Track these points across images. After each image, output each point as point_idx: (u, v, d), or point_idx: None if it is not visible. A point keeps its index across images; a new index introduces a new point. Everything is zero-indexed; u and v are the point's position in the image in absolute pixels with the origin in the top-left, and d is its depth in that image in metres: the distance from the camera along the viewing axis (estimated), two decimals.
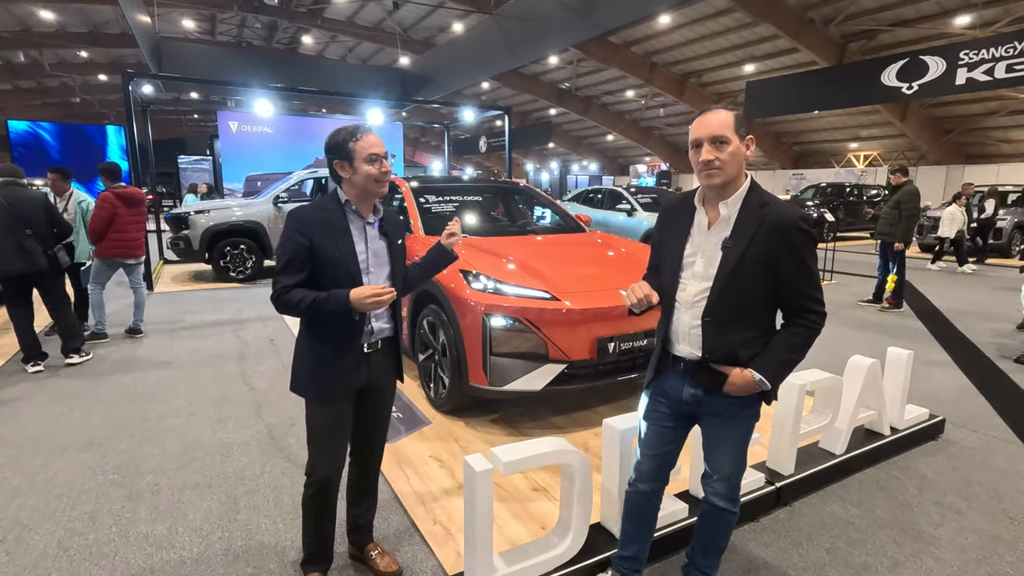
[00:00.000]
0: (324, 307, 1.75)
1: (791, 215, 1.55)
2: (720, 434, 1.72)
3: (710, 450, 1.76)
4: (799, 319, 1.60)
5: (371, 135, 1.82)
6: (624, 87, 23.36)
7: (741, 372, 1.60)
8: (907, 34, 14.87)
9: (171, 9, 18.11)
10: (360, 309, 1.75)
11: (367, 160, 1.79)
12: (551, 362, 3.10)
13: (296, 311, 1.77)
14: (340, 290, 1.75)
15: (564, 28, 10.11)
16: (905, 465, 2.94)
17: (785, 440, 2.59)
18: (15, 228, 4.07)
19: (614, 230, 9.96)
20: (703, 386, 1.67)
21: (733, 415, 1.68)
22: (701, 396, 1.68)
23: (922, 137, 19.32)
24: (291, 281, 1.77)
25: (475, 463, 1.76)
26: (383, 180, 1.82)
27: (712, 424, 1.72)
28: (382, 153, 1.82)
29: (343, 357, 1.86)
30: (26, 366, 4.35)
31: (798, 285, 1.57)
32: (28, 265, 4.13)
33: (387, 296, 1.74)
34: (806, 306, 1.59)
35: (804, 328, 1.59)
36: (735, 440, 1.72)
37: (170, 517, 2.44)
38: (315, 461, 1.92)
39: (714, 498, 1.76)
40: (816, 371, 2.77)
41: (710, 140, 1.54)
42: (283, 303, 1.77)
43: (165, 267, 9.79)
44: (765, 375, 1.58)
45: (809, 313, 1.59)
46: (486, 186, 5.34)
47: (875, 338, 5.48)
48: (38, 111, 26.86)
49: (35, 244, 4.18)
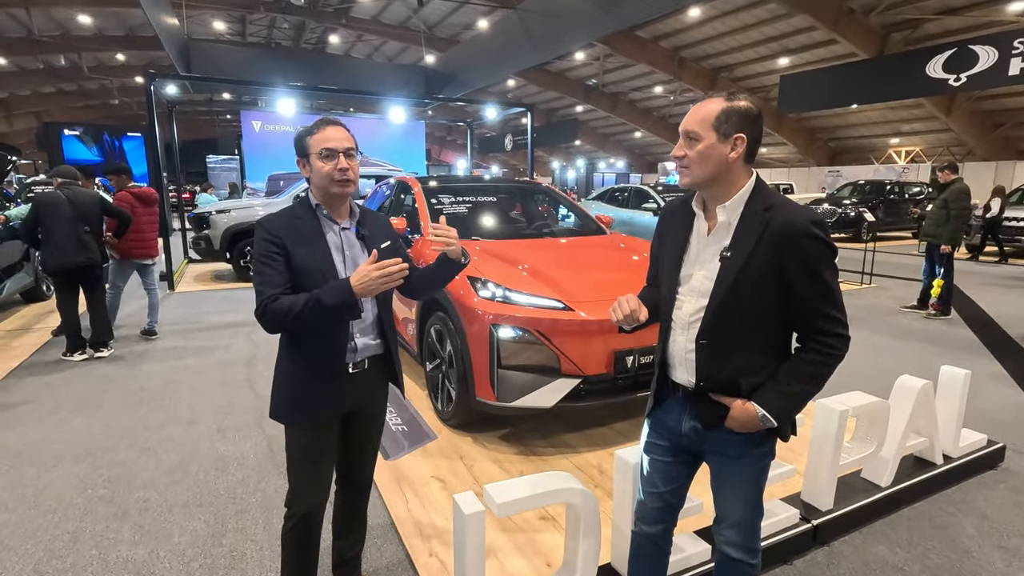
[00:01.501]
0: (323, 302, 1.49)
1: (800, 219, 1.29)
2: (727, 475, 1.47)
3: (718, 493, 1.51)
4: (813, 343, 1.34)
5: (330, 128, 1.61)
6: (652, 83, 22.83)
7: (743, 405, 1.35)
8: (955, 23, 14.07)
9: (202, 11, 18.43)
10: (363, 294, 1.49)
11: (320, 156, 1.59)
12: (564, 376, 2.88)
13: (289, 319, 1.50)
14: (336, 281, 1.54)
15: (588, 22, 9.81)
16: (960, 499, 2.62)
17: (823, 471, 2.31)
18: (76, 225, 4.43)
19: (640, 230, 9.65)
20: (701, 419, 1.44)
21: (739, 454, 1.43)
22: (702, 431, 1.45)
23: (969, 132, 18.34)
24: (275, 290, 1.53)
25: (465, 504, 1.56)
26: (342, 180, 1.60)
27: (717, 463, 1.48)
28: (339, 148, 1.59)
29: (325, 378, 1.66)
30: (72, 355, 4.61)
31: (812, 303, 1.32)
32: (87, 259, 4.49)
33: (395, 269, 1.47)
34: (822, 327, 1.33)
35: (818, 354, 1.33)
36: (744, 482, 1.46)
37: (154, 539, 2.30)
38: (295, 493, 1.73)
39: (727, 548, 1.51)
40: (859, 394, 2.47)
41: (683, 133, 1.35)
42: (272, 313, 1.51)
43: (189, 266, 9.87)
44: (769, 410, 1.33)
45: (826, 336, 1.33)
46: (500, 186, 5.12)
47: (919, 348, 5.08)
48: (80, 113, 27.78)
49: (92, 240, 4.56)
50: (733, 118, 1.30)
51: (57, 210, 4.40)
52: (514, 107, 11.23)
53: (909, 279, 8.80)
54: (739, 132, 1.30)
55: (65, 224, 4.39)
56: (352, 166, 1.62)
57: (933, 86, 11.77)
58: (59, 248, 4.37)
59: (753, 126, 1.32)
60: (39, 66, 21.58)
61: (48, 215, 4.38)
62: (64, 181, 4.62)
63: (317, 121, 1.65)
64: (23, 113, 26.41)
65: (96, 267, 4.61)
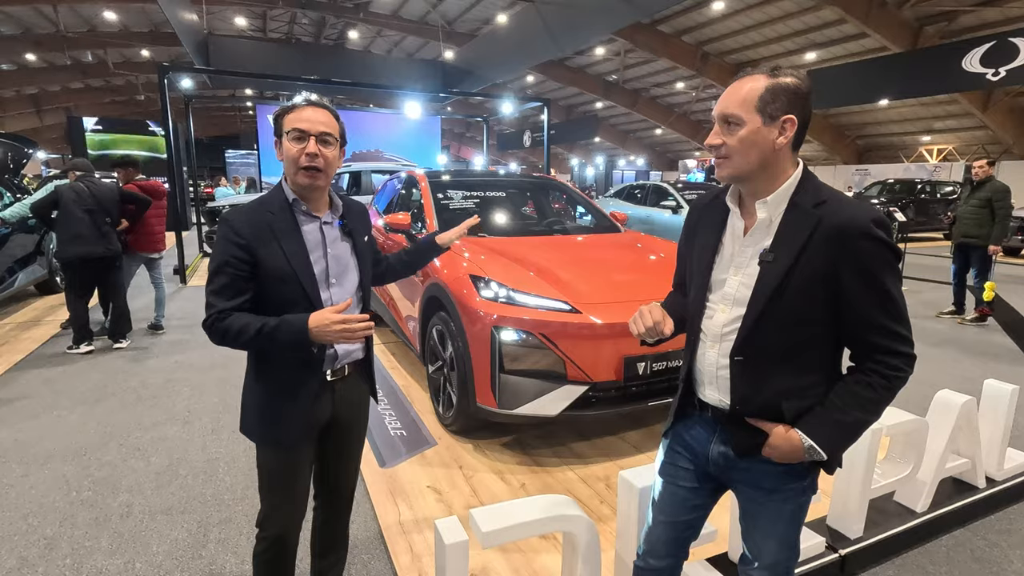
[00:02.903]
0: (275, 338, 1.36)
1: (860, 216, 1.09)
2: (760, 511, 1.27)
3: (749, 530, 1.31)
4: (872, 364, 1.13)
5: (308, 108, 1.43)
6: (674, 79, 22.39)
7: (785, 432, 1.15)
8: (993, 15, 13.46)
9: (224, 7, 18.56)
10: (320, 341, 1.36)
11: (289, 136, 1.42)
12: (570, 383, 2.69)
13: (237, 342, 1.38)
14: (295, 316, 1.36)
15: (607, 13, 9.56)
16: (1006, 528, 2.37)
17: (853, 494, 2.10)
18: (97, 216, 4.48)
19: (658, 229, 9.38)
20: (734, 446, 1.24)
21: (775, 487, 1.23)
22: (733, 458, 1.25)
23: (1007, 129, 17.59)
24: (228, 304, 1.38)
25: (446, 531, 1.39)
26: (308, 168, 1.41)
27: (749, 497, 1.28)
28: (311, 131, 1.40)
29: (300, 390, 1.49)
30: (77, 347, 4.59)
31: (871, 316, 1.11)
32: (107, 250, 4.53)
33: (359, 327, 1.34)
34: (883, 345, 1.12)
35: (880, 376, 1.12)
36: (781, 521, 1.26)
37: (131, 548, 2.18)
38: (267, 514, 1.57)
39: None
40: (894, 410, 2.24)
41: (720, 118, 1.15)
42: (219, 332, 1.38)
43: (203, 261, 9.89)
44: (818, 441, 1.13)
45: (889, 355, 1.12)
46: (509, 181, 4.94)
47: (955, 357, 4.77)
48: (107, 108, 28.31)
49: (111, 231, 4.61)
50: (781, 97, 1.10)
51: (80, 201, 4.43)
52: (531, 101, 11.02)
53: (941, 282, 8.40)
54: (788, 113, 1.11)
55: (87, 216, 4.43)
56: (325, 154, 1.42)
57: (970, 81, 11.23)
58: (81, 238, 4.41)
59: (804, 106, 1.12)
60: (67, 62, 21.95)
61: (71, 207, 4.40)
62: (82, 174, 4.65)
63: (297, 98, 1.48)
64: (53, 108, 27.00)
65: (117, 257, 4.66)
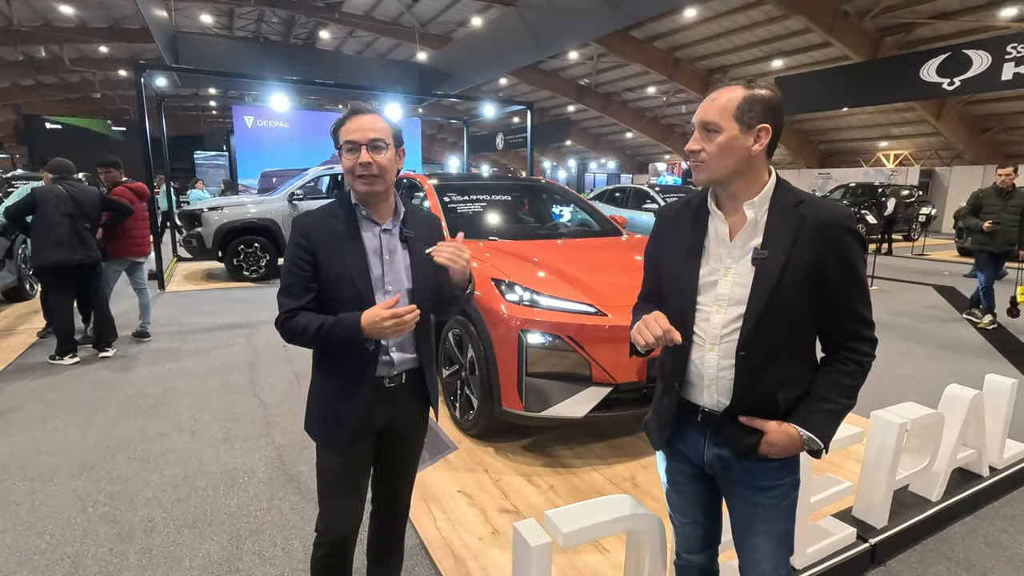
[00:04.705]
0: (332, 335, 1.41)
1: (840, 213, 1.21)
2: (757, 512, 1.29)
3: (747, 536, 1.31)
4: (848, 352, 1.24)
5: (356, 119, 1.45)
6: (646, 83, 22.79)
7: (781, 428, 1.22)
8: (948, 27, 14.18)
9: (190, 3, 18.01)
10: (375, 336, 1.39)
11: (344, 149, 1.46)
12: (595, 385, 2.74)
13: (303, 340, 1.45)
14: (350, 314, 1.41)
15: (592, 18, 9.67)
16: (1010, 513, 2.52)
17: (880, 486, 2.20)
18: (77, 220, 4.26)
19: (640, 230, 9.54)
20: (731, 447, 1.27)
21: (771, 483, 1.27)
22: (730, 459, 1.29)
23: (958, 135, 18.54)
24: (295, 304, 1.46)
25: (529, 534, 1.41)
26: (364, 176, 1.45)
27: (746, 499, 1.30)
28: (361, 140, 1.43)
29: (355, 394, 1.51)
30: (62, 359, 4.38)
31: (849, 303, 1.22)
32: (86, 255, 4.32)
33: (409, 317, 1.38)
34: (857, 332, 1.23)
35: (856, 364, 1.23)
36: (779, 518, 1.29)
37: (163, 564, 2.12)
38: (327, 517, 1.58)
39: None
40: (912, 405, 2.36)
41: (700, 125, 1.22)
42: (288, 331, 1.47)
43: (178, 265, 9.57)
44: (815, 432, 1.21)
45: (860, 342, 1.23)
46: (514, 184, 4.96)
47: (933, 353, 5.02)
48: (60, 107, 27.06)
49: (91, 236, 4.39)
50: (757, 107, 1.18)
51: (59, 205, 4.21)
52: (514, 104, 11.08)
53: (909, 281, 8.82)
54: (763, 122, 1.18)
55: (66, 220, 4.20)
56: (378, 160, 1.45)
57: (927, 90, 11.80)
58: (59, 244, 4.18)
59: (777, 116, 1.21)
60: (19, 57, 20.92)
61: (49, 210, 4.18)
62: (58, 176, 4.38)
63: (348, 110, 1.51)
64: (1, 105, 25.66)
65: (96, 264, 4.46)
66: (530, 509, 2.47)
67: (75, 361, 4.41)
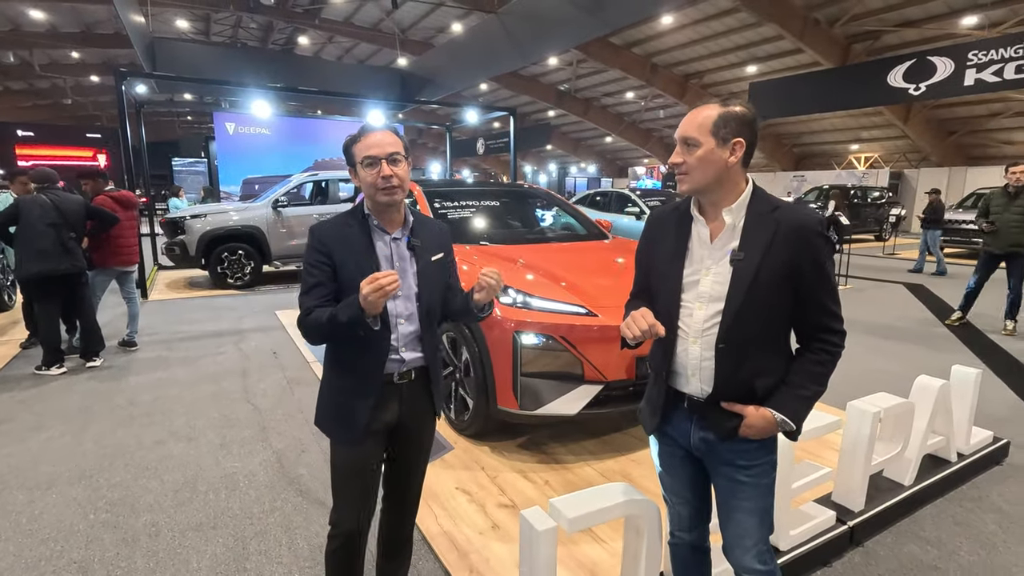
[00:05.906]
0: (338, 319, 1.48)
1: (811, 218, 1.35)
2: (740, 489, 1.41)
3: (731, 513, 1.43)
4: (819, 343, 1.38)
5: (373, 135, 1.56)
6: (624, 88, 23.14)
7: (759, 412, 1.35)
8: (913, 35, 14.71)
9: (165, 8, 17.77)
10: (370, 310, 1.43)
11: (363, 164, 1.56)
12: (586, 383, 2.84)
13: (318, 332, 1.54)
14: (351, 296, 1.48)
15: (572, 25, 9.82)
16: (976, 496, 2.69)
17: (857, 472, 2.34)
18: (61, 230, 4.23)
19: (622, 235, 9.71)
20: (715, 430, 1.40)
21: (751, 462, 1.40)
22: (713, 442, 1.41)
23: (925, 139, 19.19)
24: (312, 303, 1.55)
25: (535, 520, 1.50)
26: (386, 188, 1.54)
27: (730, 477, 1.42)
28: (380, 155, 1.53)
29: (368, 390, 1.60)
30: (48, 369, 4.34)
31: (820, 299, 1.36)
32: (72, 265, 4.29)
33: (386, 280, 1.38)
34: (827, 325, 1.37)
35: (827, 354, 1.37)
36: (759, 496, 1.41)
37: (171, 566, 2.16)
38: (340, 511, 1.66)
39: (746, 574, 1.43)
40: (885, 395, 2.52)
41: (681, 140, 1.36)
42: (307, 326, 1.56)
43: (159, 273, 9.46)
44: (788, 415, 1.35)
45: (830, 334, 1.37)
46: (504, 190, 5.06)
47: (904, 347, 5.24)
48: (28, 113, 26.42)
49: (76, 245, 4.36)
50: (731, 123, 1.31)
51: (43, 215, 4.17)
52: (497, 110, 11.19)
53: (881, 280, 9.15)
54: (738, 137, 1.32)
55: (50, 230, 4.17)
56: (397, 172, 1.56)
57: (894, 95, 12.23)
58: (44, 255, 4.16)
59: (750, 130, 1.34)
60: None
61: (33, 220, 4.14)
62: (43, 186, 4.37)
63: (360, 128, 1.62)
64: None
65: (82, 273, 4.44)
66: (527, 503, 2.56)
67: (62, 372, 4.38)
